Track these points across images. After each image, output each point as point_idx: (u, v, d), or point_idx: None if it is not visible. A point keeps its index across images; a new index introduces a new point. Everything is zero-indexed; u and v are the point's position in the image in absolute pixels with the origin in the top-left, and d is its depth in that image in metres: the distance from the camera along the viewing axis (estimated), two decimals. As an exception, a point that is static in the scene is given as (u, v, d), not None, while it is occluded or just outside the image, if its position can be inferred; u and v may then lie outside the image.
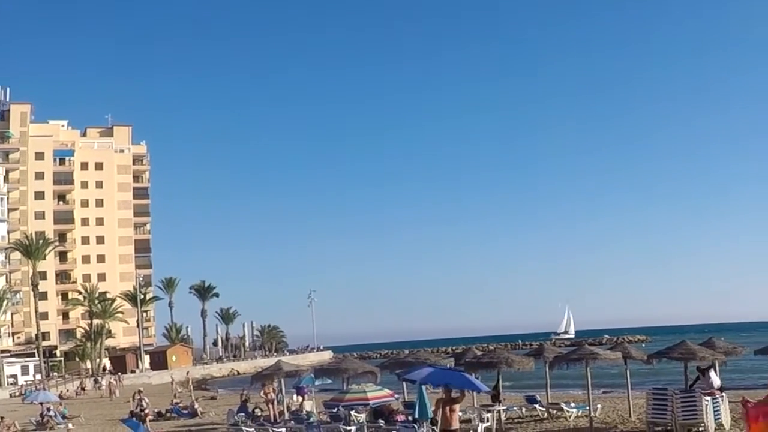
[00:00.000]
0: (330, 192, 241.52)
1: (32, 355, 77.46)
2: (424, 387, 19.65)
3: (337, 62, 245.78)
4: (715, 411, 18.80)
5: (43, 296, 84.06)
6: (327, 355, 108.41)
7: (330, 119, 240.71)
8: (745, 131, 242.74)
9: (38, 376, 70.23)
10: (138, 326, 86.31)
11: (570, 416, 23.53)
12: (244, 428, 23.93)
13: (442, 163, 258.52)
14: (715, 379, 20.24)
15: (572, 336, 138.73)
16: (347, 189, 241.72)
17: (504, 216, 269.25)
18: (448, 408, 14.16)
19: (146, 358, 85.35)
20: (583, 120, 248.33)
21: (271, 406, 26.67)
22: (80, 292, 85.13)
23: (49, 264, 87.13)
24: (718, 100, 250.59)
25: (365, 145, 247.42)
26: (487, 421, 21.47)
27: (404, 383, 22.84)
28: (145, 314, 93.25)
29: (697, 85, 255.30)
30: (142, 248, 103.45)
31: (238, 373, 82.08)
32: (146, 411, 29.21)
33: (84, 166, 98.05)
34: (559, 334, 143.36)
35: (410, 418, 20.05)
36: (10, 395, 60.19)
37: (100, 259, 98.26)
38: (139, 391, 32.87)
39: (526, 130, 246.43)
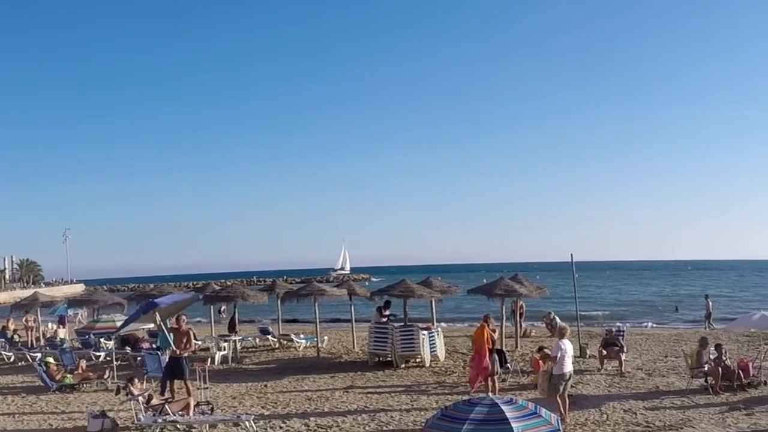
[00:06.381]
0: (82, 140, 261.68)
1: None
2: (167, 319, 22.12)
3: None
4: (431, 344, 20.39)
5: None
6: (80, 288, 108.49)
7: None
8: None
9: None
10: None
11: (299, 347, 25.22)
12: (3, 353, 24.76)
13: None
14: (379, 316, 21.73)
15: (348, 272, 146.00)
16: (96, 139, 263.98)
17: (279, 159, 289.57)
18: (177, 337, 15.44)
19: None
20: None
21: (30, 332, 27.95)
22: None
23: None
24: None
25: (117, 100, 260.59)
26: (224, 349, 22.71)
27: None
28: None
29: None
30: None
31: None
32: None
33: None
34: (336, 270, 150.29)
35: (154, 345, 21.66)
36: None
37: None
38: None
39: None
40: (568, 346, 12.57)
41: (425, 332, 20.34)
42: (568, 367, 12.52)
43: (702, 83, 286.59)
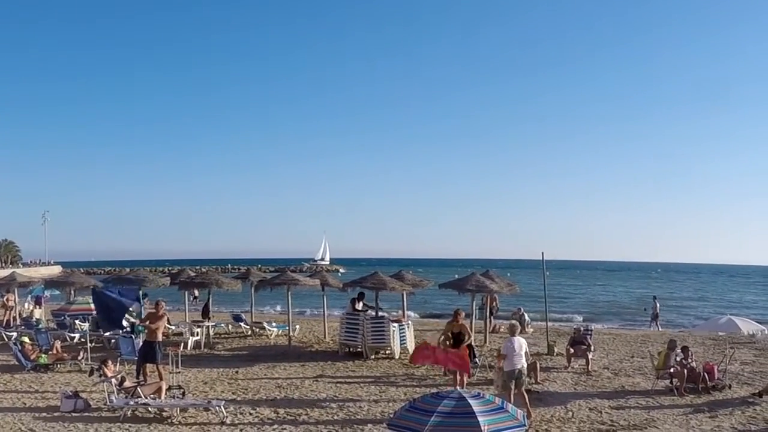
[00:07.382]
0: (65, 124, 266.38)
1: None
2: (142, 303, 22.17)
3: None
4: (401, 336, 20.49)
5: None
6: (57, 269, 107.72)
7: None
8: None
9: None
10: None
11: (271, 334, 25.26)
12: (-22, 331, 24.34)
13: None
14: (351, 307, 21.62)
15: (327, 262, 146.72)
16: (78, 124, 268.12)
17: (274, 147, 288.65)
18: (150, 322, 15.32)
19: None
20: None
21: (8, 312, 27.75)
22: None
23: None
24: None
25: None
26: (197, 335, 22.78)
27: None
28: None
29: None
30: None
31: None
32: None
33: None
34: (316, 261, 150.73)
35: (129, 328, 21.60)
36: None
37: None
38: None
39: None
40: (516, 344, 12.73)
41: (395, 325, 20.45)
42: (518, 364, 12.62)
43: (689, 88, 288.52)
